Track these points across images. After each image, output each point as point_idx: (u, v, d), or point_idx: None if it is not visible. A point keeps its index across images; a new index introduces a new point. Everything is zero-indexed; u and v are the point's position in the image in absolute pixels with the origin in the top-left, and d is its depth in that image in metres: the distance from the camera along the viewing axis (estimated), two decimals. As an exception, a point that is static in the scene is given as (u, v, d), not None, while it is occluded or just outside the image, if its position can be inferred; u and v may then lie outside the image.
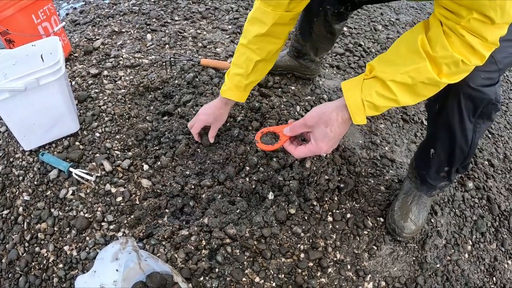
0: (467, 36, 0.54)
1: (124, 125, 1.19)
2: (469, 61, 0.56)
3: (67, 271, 0.89)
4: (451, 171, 0.91)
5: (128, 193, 1.00)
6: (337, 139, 0.72)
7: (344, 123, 0.69)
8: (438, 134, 0.83)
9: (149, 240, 0.92)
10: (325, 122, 0.69)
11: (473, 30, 0.53)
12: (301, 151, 0.75)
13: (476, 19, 0.52)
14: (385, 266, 0.99)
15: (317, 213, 1.03)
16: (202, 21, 1.77)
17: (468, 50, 0.55)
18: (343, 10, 1.09)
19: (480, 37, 0.54)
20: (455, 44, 0.55)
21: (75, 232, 0.94)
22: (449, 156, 0.86)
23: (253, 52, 0.89)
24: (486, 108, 0.72)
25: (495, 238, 1.12)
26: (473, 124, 0.76)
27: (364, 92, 0.64)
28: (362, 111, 0.66)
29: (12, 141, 1.15)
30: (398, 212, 1.02)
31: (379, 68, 0.64)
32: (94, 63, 1.44)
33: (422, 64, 0.58)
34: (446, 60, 0.57)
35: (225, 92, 0.97)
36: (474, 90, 0.68)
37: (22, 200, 1.01)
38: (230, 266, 0.89)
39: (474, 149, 0.83)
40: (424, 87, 0.61)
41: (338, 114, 0.68)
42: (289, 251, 0.94)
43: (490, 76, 0.68)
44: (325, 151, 0.72)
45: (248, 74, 0.92)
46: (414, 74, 0.59)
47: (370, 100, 0.64)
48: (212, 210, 0.97)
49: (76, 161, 1.07)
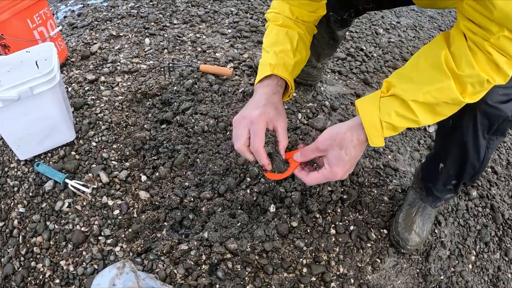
0: (495, 54, 0.50)
1: (121, 133, 1.17)
2: (493, 80, 0.53)
3: (64, 286, 0.86)
4: (458, 185, 0.89)
5: (126, 206, 0.97)
6: (353, 162, 0.65)
7: (360, 145, 0.63)
8: (450, 149, 0.81)
9: (147, 255, 0.90)
10: (339, 144, 0.63)
11: (502, 48, 0.50)
12: (314, 178, 0.67)
13: (506, 37, 0.48)
14: (389, 279, 0.97)
15: (319, 226, 1.01)
16: (201, 24, 1.74)
17: (493, 68, 0.52)
18: (346, 17, 1.06)
19: (507, 56, 0.50)
20: (481, 62, 0.52)
21: (72, 246, 0.91)
22: (459, 171, 0.84)
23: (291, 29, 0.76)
24: (501, 125, 0.70)
25: (498, 248, 1.11)
26: (487, 140, 0.74)
27: (382, 112, 0.59)
28: (380, 132, 0.60)
29: (6, 150, 1.12)
30: (402, 224, 1.00)
31: (399, 85, 0.58)
32: (91, 69, 1.41)
33: (447, 83, 0.54)
34: (472, 79, 0.53)
35: (275, 68, 0.72)
36: (491, 107, 0.65)
37: (17, 212, 0.98)
38: (231, 282, 0.87)
39: (485, 165, 0.81)
40: (446, 107, 0.58)
41: (353, 135, 0.62)
42: (292, 265, 0.92)
43: (507, 92, 0.64)
44: (340, 176, 0.64)
45: (294, 50, 0.75)
46: (437, 94, 0.55)
47: (389, 121, 0.59)
48: (212, 223, 0.94)
49: (72, 172, 1.04)
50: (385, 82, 0.62)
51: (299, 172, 0.72)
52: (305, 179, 0.69)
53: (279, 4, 0.80)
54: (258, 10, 1.87)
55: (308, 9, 0.80)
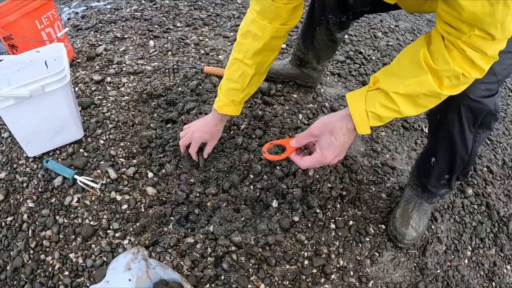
0: (468, 51, 0.56)
1: (128, 132, 1.20)
2: (469, 74, 0.58)
3: (73, 278, 0.89)
4: (451, 179, 0.93)
5: (134, 201, 1.01)
6: (342, 148, 0.72)
7: (349, 133, 0.70)
8: (439, 144, 0.86)
9: (155, 248, 0.93)
10: (330, 131, 0.71)
11: (474, 45, 0.55)
12: (307, 161, 0.76)
13: (477, 36, 0.54)
14: (387, 272, 1.01)
15: (320, 221, 1.04)
16: (204, 27, 1.79)
17: (468, 64, 0.57)
18: (345, 19, 1.11)
19: (481, 52, 0.56)
20: (456, 58, 0.57)
21: (81, 239, 0.94)
22: (450, 165, 0.88)
23: (249, 67, 0.89)
24: (485, 118, 0.75)
25: (494, 244, 1.15)
26: (473, 134, 0.78)
27: (368, 103, 0.66)
28: (366, 121, 0.67)
29: (15, 147, 1.15)
30: (400, 219, 1.04)
31: (382, 80, 0.66)
32: (97, 69, 1.44)
33: (425, 77, 0.60)
34: (448, 73, 0.59)
35: (221, 108, 0.96)
36: (474, 101, 0.70)
37: (26, 207, 1.01)
38: (235, 274, 0.90)
39: (474, 158, 0.86)
40: (426, 99, 0.63)
41: (343, 123, 0.70)
42: (293, 258, 0.96)
43: (489, 87, 0.70)
44: (330, 160, 0.72)
45: (243, 88, 0.93)
46: (417, 87, 0.61)
47: (374, 111, 0.66)
48: (217, 218, 0.98)
49: (81, 168, 1.07)
50: (372, 78, 0.69)
51: (294, 157, 0.79)
52: (299, 162, 0.77)
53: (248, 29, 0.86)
54: (259, 13, 1.92)
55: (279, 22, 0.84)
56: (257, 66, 0.90)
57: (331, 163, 0.73)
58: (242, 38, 0.89)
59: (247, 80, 0.91)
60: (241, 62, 0.90)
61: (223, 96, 0.96)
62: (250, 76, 0.91)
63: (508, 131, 1.57)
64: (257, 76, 0.94)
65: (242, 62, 0.89)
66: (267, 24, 0.84)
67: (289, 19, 0.85)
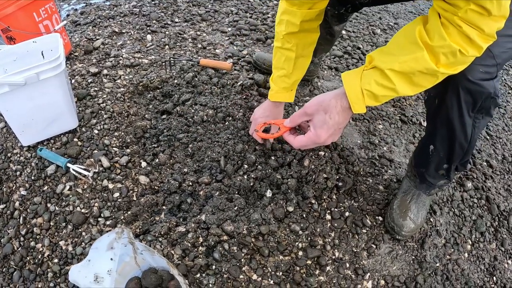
0: (464, 27, 0.55)
1: (123, 122, 1.19)
2: (466, 51, 0.57)
3: (62, 266, 0.88)
4: (450, 169, 0.91)
5: (126, 189, 0.99)
6: (336, 128, 0.70)
7: (344, 112, 0.69)
8: (438, 130, 0.84)
9: (145, 236, 0.91)
10: (324, 109, 0.69)
11: (470, 21, 0.54)
12: (300, 140, 0.74)
13: (473, 10, 0.53)
14: (384, 265, 0.98)
15: (315, 211, 1.02)
16: (202, 23, 1.79)
17: (465, 40, 0.56)
18: (343, 11, 1.10)
19: (477, 28, 0.55)
20: (452, 34, 0.56)
21: (71, 227, 0.93)
22: (449, 152, 0.86)
23: (289, 51, 0.92)
24: (485, 102, 0.73)
25: (494, 238, 1.12)
26: (473, 119, 0.76)
27: (363, 81, 0.65)
28: (361, 100, 0.66)
29: (10, 136, 1.15)
30: (397, 211, 1.01)
31: (378, 58, 0.65)
32: (94, 62, 1.45)
33: (420, 53, 0.59)
34: (444, 49, 0.58)
35: (273, 96, 1.00)
36: (473, 83, 0.69)
37: (18, 194, 1.00)
38: (227, 263, 0.88)
39: (473, 145, 0.83)
40: (423, 77, 0.62)
41: (338, 102, 0.68)
42: (287, 248, 0.93)
43: (488, 70, 0.68)
44: (324, 139, 0.70)
45: (290, 73, 0.95)
46: (412, 64, 0.60)
47: (369, 89, 0.64)
48: (210, 207, 0.96)
49: (74, 157, 1.06)
50: (367, 57, 0.67)
51: (288, 136, 0.78)
52: (293, 141, 0.76)
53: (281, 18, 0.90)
54: (258, 10, 1.93)
55: (306, 7, 0.86)
56: (297, 48, 0.92)
57: (324, 143, 0.71)
58: (278, 27, 0.92)
59: (292, 64, 0.93)
60: (282, 49, 0.93)
61: (274, 85, 1.00)
62: (293, 59, 0.93)
63: (508, 127, 1.55)
64: (301, 59, 0.95)
65: (282, 48, 0.93)
66: (296, 10, 0.85)
67: (315, 3, 0.85)
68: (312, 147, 0.76)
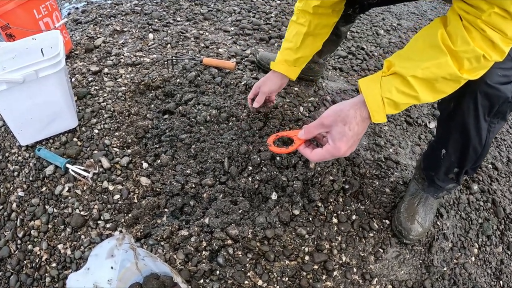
0: (488, 31, 0.53)
1: (124, 122, 1.17)
2: (489, 56, 0.56)
3: (60, 270, 0.85)
4: (460, 173, 0.89)
5: (126, 191, 0.97)
6: (356, 139, 0.66)
7: (363, 122, 0.65)
8: (451, 133, 0.81)
9: (147, 240, 0.88)
10: (343, 120, 0.65)
11: (494, 24, 0.53)
12: (318, 154, 0.69)
13: (497, 14, 0.51)
14: (392, 270, 0.96)
15: (321, 215, 1.00)
16: (204, 22, 1.77)
17: (488, 45, 0.55)
18: (351, 12, 1.08)
19: (501, 32, 0.53)
20: (476, 38, 0.55)
21: (70, 230, 0.90)
22: (461, 157, 0.84)
23: (301, 25, 0.94)
24: (502, 107, 0.71)
25: (501, 241, 1.10)
26: (488, 123, 0.74)
27: (384, 89, 0.62)
28: (381, 108, 0.63)
29: (8, 136, 1.12)
30: (405, 214, 0.99)
31: (398, 63, 0.61)
32: (94, 61, 1.42)
33: (444, 59, 0.57)
34: (468, 54, 0.56)
35: (274, 65, 1.01)
36: (491, 87, 0.67)
37: (16, 196, 0.97)
38: (231, 269, 0.85)
39: (487, 150, 0.81)
40: (445, 83, 0.60)
41: (357, 112, 0.64)
42: (293, 253, 0.91)
43: (506, 74, 0.66)
44: (343, 152, 0.66)
45: (297, 48, 0.96)
46: (435, 69, 0.58)
47: (390, 97, 0.61)
48: (213, 210, 0.94)
49: (74, 157, 1.03)
50: (386, 62, 0.65)
51: (303, 149, 0.72)
52: (309, 155, 0.70)
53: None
54: (261, 9, 1.90)
55: None
56: (309, 24, 0.93)
57: (344, 155, 0.67)
58: (298, 3, 0.96)
59: (300, 39, 0.95)
60: (295, 23, 0.96)
61: (279, 54, 1.01)
62: (303, 34, 0.94)
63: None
64: (311, 38, 0.96)
65: (296, 22, 0.96)
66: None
67: None
68: (330, 159, 0.72)
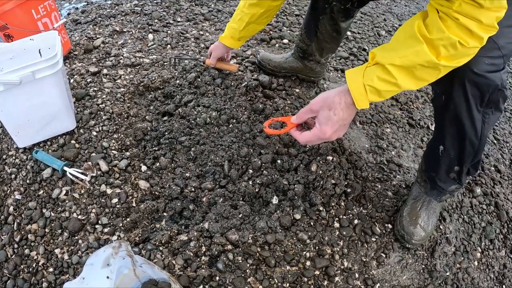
0: (461, 19, 0.56)
1: (123, 124, 1.15)
2: (466, 42, 0.58)
3: (58, 275, 0.83)
4: (461, 171, 0.88)
5: (125, 195, 0.95)
6: (341, 123, 0.71)
7: (348, 108, 0.70)
8: (446, 128, 0.82)
9: (145, 245, 0.87)
10: (328, 106, 0.70)
11: (467, 13, 0.55)
12: (306, 135, 0.75)
13: (467, 3, 0.54)
14: (394, 275, 0.94)
15: (323, 219, 0.98)
16: (204, 22, 1.75)
17: (464, 32, 0.57)
18: (350, 6, 1.08)
19: (475, 20, 0.56)
20: (451, 27, 0.57)
21: (67, 234, 0.89)
22: (459, 152, 0.83)
23: (245, 15, 1.09)
24: (492, 95, 0.71)
25: (504, 245, 1.09)
26: (482, 114, 0.75)
27: (366, 78, 0.66)
28: (364, 96, 0.67)
29: (5, 138, 1.10)
30: (407, 218, 0.98)
31: (379, 54, 0.66)
32: (93, 62, 1.40)
33: (420, 47, 0.60)
34: (443, 42, 0.58)
35: (222, 39, 1.19)
36: (479, 76, 0.68)
37: (13, 199, 0.96)
38: (231, 274, 0.84)
39: (484, 143, 0.81)
40: (424, 70, 0.62)
41: (341, 98, 0.69)
42: (294, 258, 0.89)
43: (494, 62, 0.68)
44: (329, 135, 0.71)
45: (240, 30, 1.13)
46: (412, 57, 0.61)
47: (372, 85, 0.65)
48: (213, 214, 0.92)
49: (71, 160, 1.02)
50: (370, 54, 0.69)
51: (294, 132, 0.79)
52: (298, 137, 0.77)
53: None
54: (261, 10, 1.89)
55: None
56: (251, 17, 1.08)
57: (330, 139, 0.72)
58: None
59: (243, 25, 1.11)
60: (241, 10, 1.10)
61: (227, 29, 1.17)
62: (245, 22, 1.10)
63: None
64: (252, 25, 1.12)
65: (242, 10, 1.09)
66: None
67: None
68: (317, 143, 0.77)
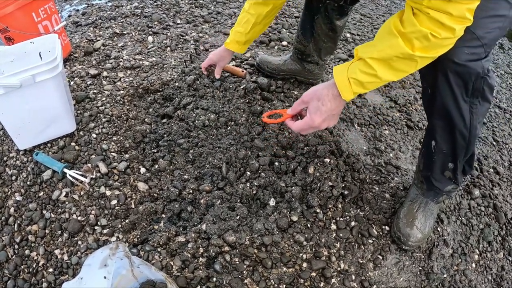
0: (432, 13, 0.61)
1: (122, 126, 1.16)
2: (438, 34, 0.62)
3: (57, 276, 0.84)
4: (456, 169, 0.89)
5: (124, 197, 0.96)
6: (329, 113, 0.79)
7: (335, 99, 0.77)
8: (436, 120, 0.84)
9: (143, 246, 0.88)
10: (318, 97, 0.79)
11: (436, 7, 0.60)
12: (298, 124, 0.83)
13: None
14: (391, 277, 0.95)
15: (320, 221, 0.99)
16: (204, 25, 1.76)
17: (435, 24, 0.62)
18: (343, 3, 1.11)
19: (445, 12, 0.60)
20: (423, 21, 0.63)
21: (67, 235, 0.90)
22: (451, 145, 0.85)
23: (251, 16, 1.09)
24: (476, 84, 0.74)
25: (502, 247, 1.09)
26: (469, 104, 0.77)
27: (350, 71, 0.73)
28: (348, 87, 0.74)
29: (6, 140, 1.12)
30: (404, 220, 0.98)
31: (361, 50, 0.73)
32: (93, 64, 1.42)
33: (394, 40, 0.66)
34: (415, 34, 0.64)
35: (228, 44, 1.18)
36: (460, 65, 0.71)
37: (14, 200, 0.97)
38: (228, 275, 0.85)
39: (474, 135, 0.82)
40: (401, 62, 0.68)
41: (329, 91, 0.77)
42: (291, 260, 0.90)
43: (474, 51, 0.71)
44: (318, 123, 0.79)
45: (246, 33, 1.13)
46: (388, 50, 0.67)
47: (355, 77, 0.72)
48: (211, 216, 0.93)
49: (71, 162, 1.03)
50: (355, 51, 0.76)
51: (288, 121, 0.88)
52: (292, 126, 0.85)
53: None
54: (261, 12, 1.90)
55: None
56: (257, 17, 1.08)
57: (319, 127, 0.80)
58: None
59: (249, 27, 1.11)
60: (247, 12, 1.10)
61: (231, 34, 1.17)
62: (252, 23, 1.10)
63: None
64: (258, 26, 1.12)
65: (247, 12, 1.10)
66: None
67: None
68: (309, 131, 0.84)
